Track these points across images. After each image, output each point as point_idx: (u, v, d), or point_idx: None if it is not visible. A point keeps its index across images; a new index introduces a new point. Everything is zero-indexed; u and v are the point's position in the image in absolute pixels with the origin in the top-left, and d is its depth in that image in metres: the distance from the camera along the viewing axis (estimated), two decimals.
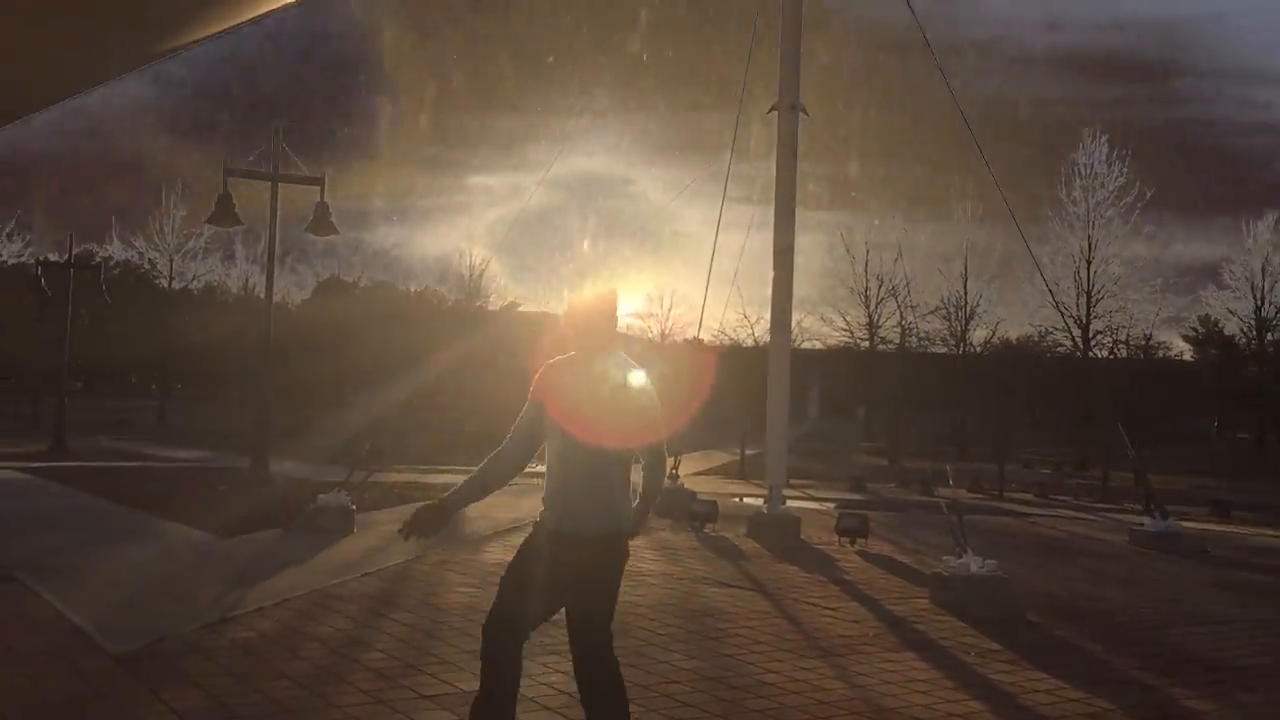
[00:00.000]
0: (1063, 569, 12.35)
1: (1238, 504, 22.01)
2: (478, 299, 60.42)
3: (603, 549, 4.42)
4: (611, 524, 4.44)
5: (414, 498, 17.55)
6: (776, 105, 14.48)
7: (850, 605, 9.44)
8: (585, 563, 4.39)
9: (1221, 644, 8.44)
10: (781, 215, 14.44)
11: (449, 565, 10.59)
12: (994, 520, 17.88)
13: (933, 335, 45.57)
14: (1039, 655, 7.76)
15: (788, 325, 14.65)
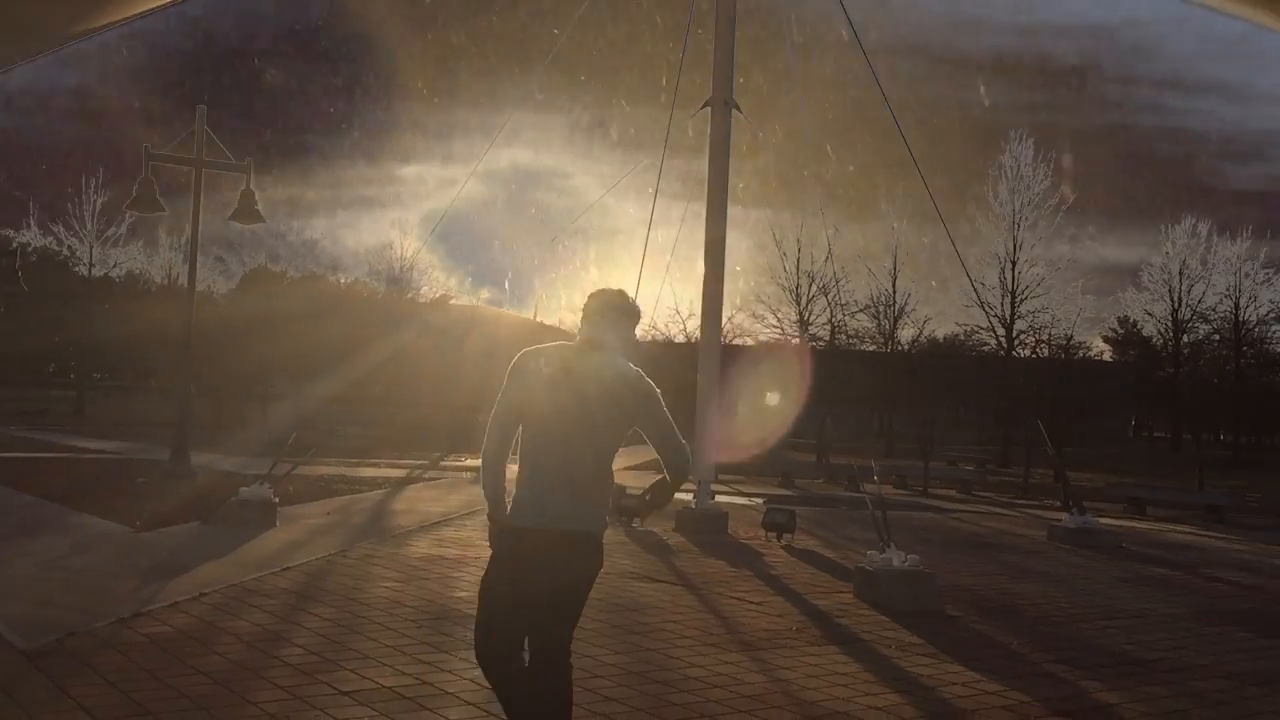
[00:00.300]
0: (983, 564, 12.56)
1: (1152, 501, 22.59)
2: (408, 291, 59.78)
3: (570, 549, 4.17)
4: (582, 524, 4.19)
5: (339, 491, 17.37)
6: (710, 101, 14.53)
7: (775, 600, 9.51)
8: (550, 563, 4.15)
9: (1133, 638, 8.65)
10: (713, 209, 14.49)
11: (373, 559, 10.47)
12: (918, 516, 18.15)
13: (862, 333, 46.15)
14: (958, 649, 7.89)
15: (718, 318, 14.72)
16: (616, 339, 4.35)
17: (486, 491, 4.35)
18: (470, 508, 15.74)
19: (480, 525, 13.77)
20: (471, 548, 11.54)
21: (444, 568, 10.15)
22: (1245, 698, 6.95)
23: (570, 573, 4.22)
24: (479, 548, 11.58)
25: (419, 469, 23.95)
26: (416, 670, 6.44)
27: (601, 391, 4.19)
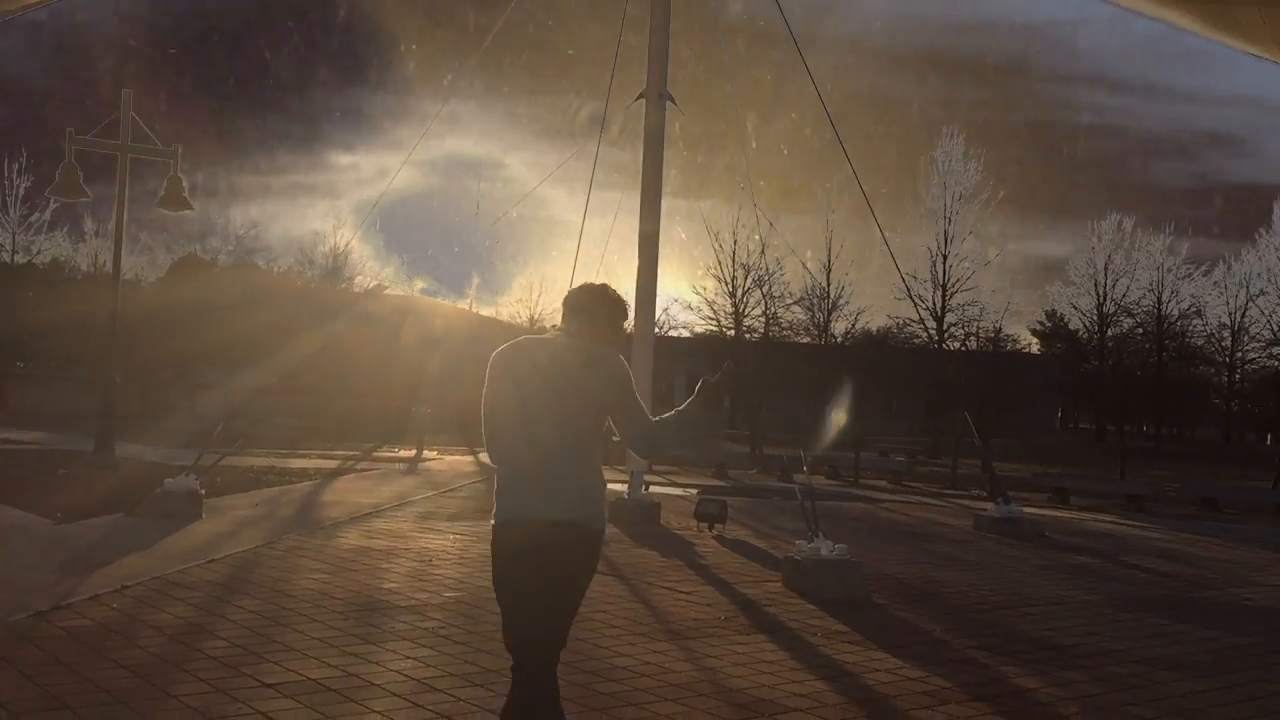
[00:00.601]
0: (910, 553, 12.78)
1: (1075, 491, 23.10)
2: (341, 280, 59.12)
3: (556, 541, 3.89)
4: (567, 513, 3.92)
5: (269, 482, 17.17)
6: (644, 93, 14.55)
7: (705, 589, 9.60)
8: (537, 558, 3.89)
9: (1052, 624, 8.86)
10: (647, 202, 14.52)
11: (301, 551, 10.38)
12: (848, 506, 18.39)
13: (796, 325, 46.58)
14: (882, 636, 8.02)
15: (651, 311, 14.78)
16: (591, 328, 4.18)
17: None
18: (402, 499, 15.67)
19: (411, 516, 13.72)
20: (401, 539, 11.48)
21: (373, 559, 10.09)
22: (1156, 682, 7.16)
23: (558, 569, 3.92)
24: (409, 539, 11.54)
25: (351, 460, 23.73)
26: (342, 662, 6.41)
27: (560, 374, 4.01)
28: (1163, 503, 22.66)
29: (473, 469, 23.15)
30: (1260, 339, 54.74)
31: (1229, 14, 5.93)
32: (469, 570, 9.75)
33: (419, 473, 21.19)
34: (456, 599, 8.43)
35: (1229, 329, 56.62)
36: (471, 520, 13.46)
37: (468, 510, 14.61)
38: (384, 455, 25.99)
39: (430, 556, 10.42)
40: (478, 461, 25.87)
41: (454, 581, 9.18)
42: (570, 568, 3.97)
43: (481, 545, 11.30)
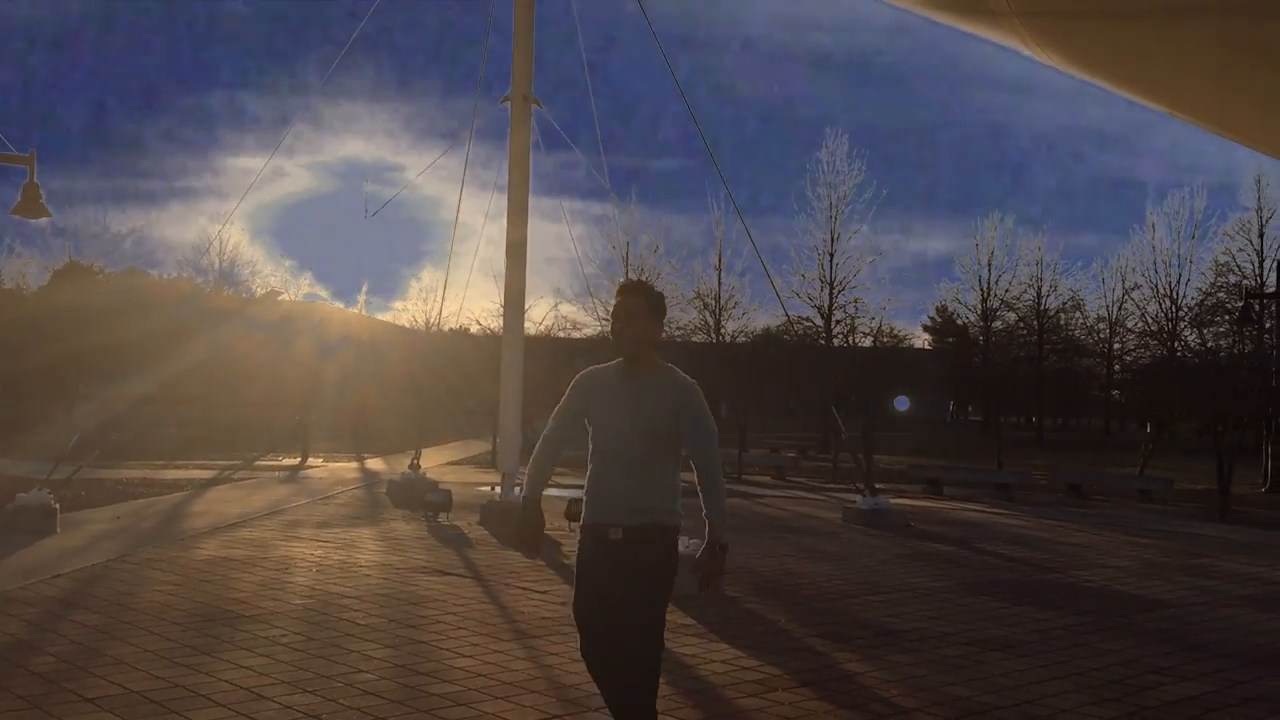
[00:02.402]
0: (775, 546, 13.05)
1: (948, 481, 23.76)
2: (231, 287, 57.89)
3: (633, 543, 4.29)
4: (645, 517, 4.31)
5: (137, 494, 16.81)
6: (510, 96, 14.59)
7: (562, 588, 9.69)
8: (619, 558, 4.29)
9: (893, 610, 9.17)
10: (515, 208, 14.56)
11: (154, 564, 10.21)
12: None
13: (688, 326, 46.94)
14: (726, 628, 8.22)
15: (520, 314, 14.83)
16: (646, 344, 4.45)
17: (530, 476, 4.64)
18: (274, 508, 15.48)
19: (278, 525, 13.57)
20: (263, 548, 11.36)
21: (228, 569, 9.98)
22: (982, 662, 7.47)
23: (633, 569, 4.31)
24: (270, 548, 11.43)
25: (230, 470, 23.29)
26: (171, 674, 6.36)
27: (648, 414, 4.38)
28: (1032, 491, 23.44)
29: (354, 476, 22.93)
30: (1136, 331, 56.91)
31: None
32: (324, 577, 9.71)
33: (298, 481, 20.90)
34: (304, 607, 8.39)
35: (1106, 322, 58.80)
36: (340, 527, 13.37)
37: (338, 517, 14.50)
38: (266, 464, 25.55)
39: (286, 566, 10.34)
40: (362, 468, 25.63)
41: (306, 589, 9.14)
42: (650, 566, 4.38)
43: (343, 552, 11.27)
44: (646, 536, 4.30)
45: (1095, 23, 4.59)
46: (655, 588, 4.37)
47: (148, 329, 42.51)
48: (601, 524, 4.36)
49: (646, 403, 4.35)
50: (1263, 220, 49.66)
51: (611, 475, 4.38)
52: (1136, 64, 4.77)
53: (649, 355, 4.45)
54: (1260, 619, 9.41)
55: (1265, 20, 3.81)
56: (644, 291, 4.51)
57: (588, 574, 4.46)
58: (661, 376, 4.43)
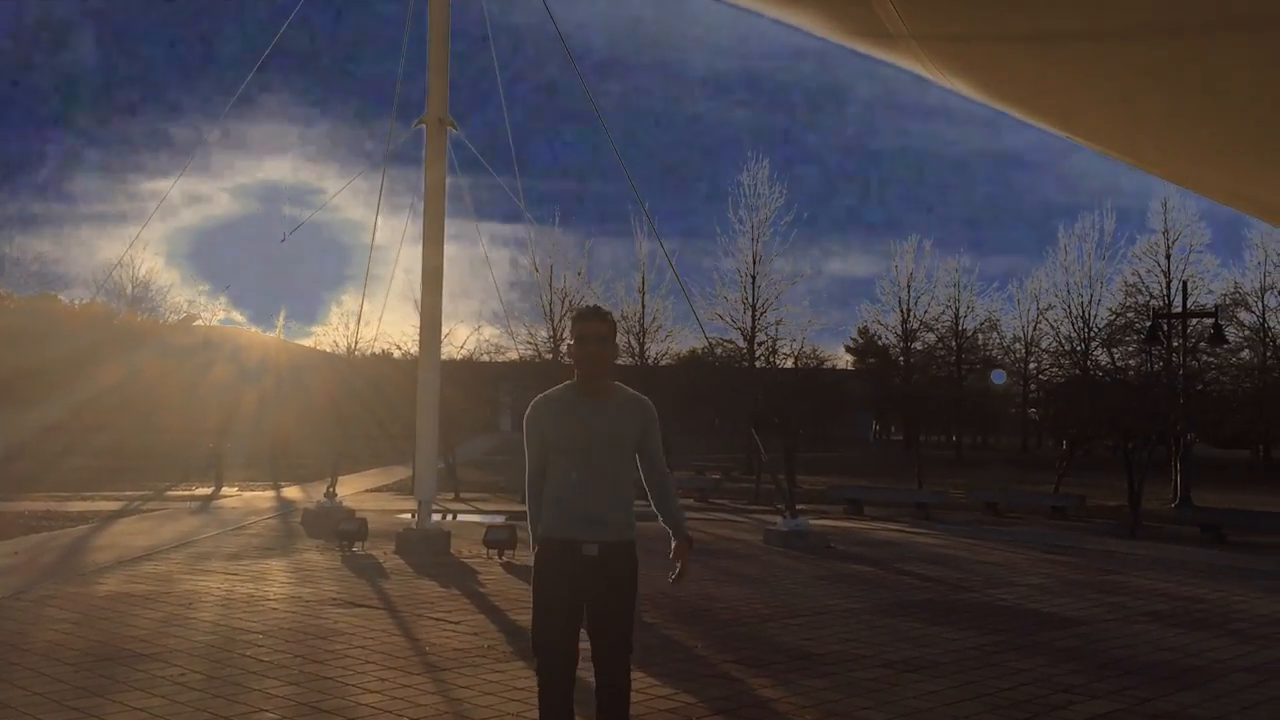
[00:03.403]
0: (695, 570, 12.86)
1: (869, 501, 23.96)
2: (145, 312, 56.55)
3: (610, 559, 4.41)
4: (618, 533, 4.44)
5: (40, 528, 16.23)
6: (424, 119, 14.43)
7: (476, 618, 9.53)
8: (592, 575, 4.39)
9: (810, 634, 9.15)
10: (431, 236, 14.37)
11: (51, 601, 9.82)
12: (648, 526, 18.46)
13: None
14: (643, 656, 8.07)
15: (437, 344, 14.63)
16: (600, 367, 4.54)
17: (531, 522, 4.65)
18: (183, 540, 15.03)
19: (186, 557, 13.17)
20: (167, 582, 11.00)
21: (128, 605, 9.63)
22: (895, 684, 7.47)
23: (607, 582, 4.46)
24: (175, 582, 11.07)
25: (140, 500, 22.62)
26: (60, 718, 6.08)
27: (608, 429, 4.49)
28: (950, 510, 23.72)
29: (270, 504, 22.41)
30: (1050, 351, 58.14)
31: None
32: (229, 611, 9.42)
33: (210, 511, 20.36)
34: (207, 644, 8.12)
35: (1022, 342, 60.03)
36: (251, 559, 13.02)
37: (249, 549, 14.12)
38: (178, 494, 24.86)
39: (190, 601, 10.01)
40: (278, 497, 25.07)
41: (210, 625, 8.85)
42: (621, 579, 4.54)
43: (251, 584, 10.95)
44: (621, 552, 4.45)
45: (989, 46, 4.61)
46: (632, 600, 4.57)
47: (56, 355, 41.41)
48: (574, 540, 4.41)
49: (614, 420, 4.49)
50: (1169, 242, 51.13)
51: (584, 492, 4.43)
52: (1034, 89, 4.81)
53: (609, 377, 4.60)
54: (1167, 634, 9.57)
55: (1160, 44, 3.86)
56: (607, 316, 4.65)
57: (554, 592, 4.45)
58: (621, 394, 4.60)
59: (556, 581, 4.44)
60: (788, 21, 5.74)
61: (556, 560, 4.44)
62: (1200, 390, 33.82)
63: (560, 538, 4.43)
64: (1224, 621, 10.34)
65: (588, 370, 4.51)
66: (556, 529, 4.45)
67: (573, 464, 4.44)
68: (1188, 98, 4.32)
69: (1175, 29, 3.92)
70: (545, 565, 4.47)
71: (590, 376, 4.51)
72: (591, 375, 4.51)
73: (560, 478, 4.47)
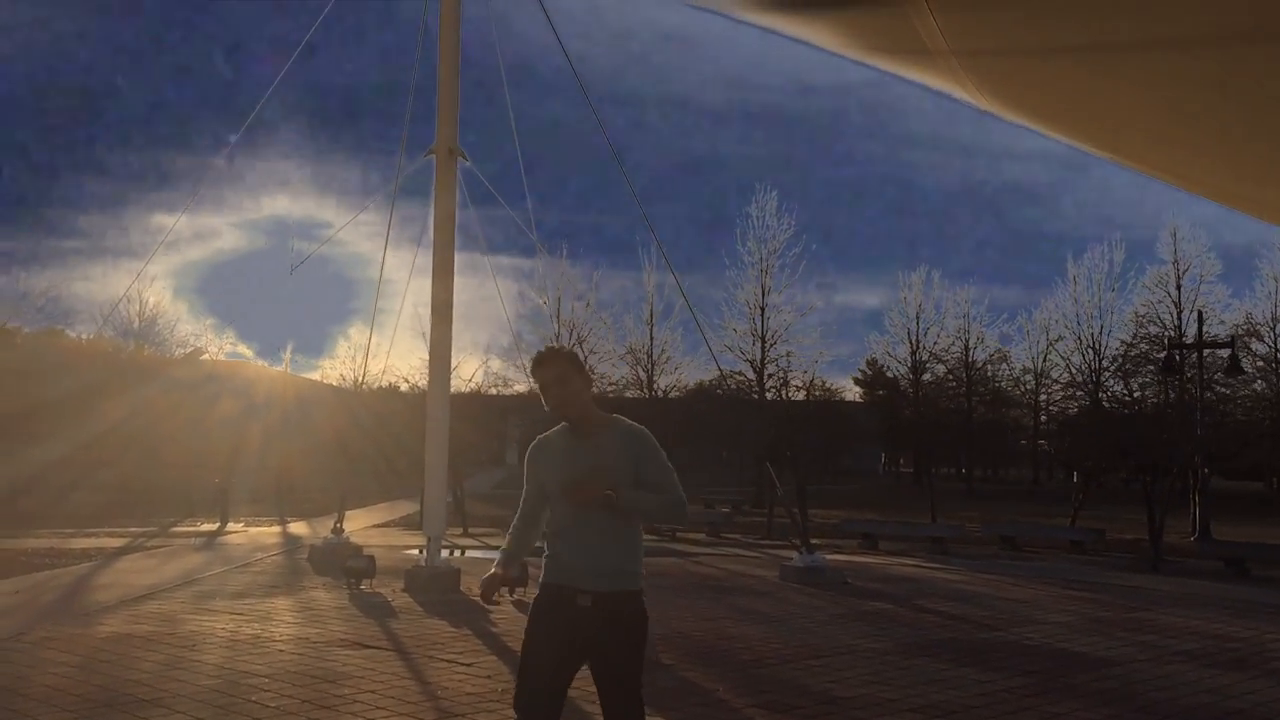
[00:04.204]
0: (711, 608, 12.68)
1: (883, 535, 23.60)
2: (152, 346, 56.45)
3: (606, 610, 4.09)
4: (616, 583, 4.13)
5: (41, 565, 15.98)
6: (434, 149, 14.27)
7: (488, 660, 9.23)
8: (586, 627, 4.10)
9: (836, 675, 8.83)
10: (440, 269, 14.16)
11: (51, 643, 9.55)
12: (659, 561, 18.25)
13: (620, 381, 46.73)
14: (661, 699, 7.81)
15: (446, 377, 14.39)
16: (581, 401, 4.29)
17: (511, 541, 4.46)
18: (187, 578, 14.75)
19: (190, 596, 12.90)
20: (171, 623, 10.72)
21: (130, 647, 9.35)
22: None
23: (612, 633, 4.19)
24: (179, 622, 10.78)
25: (144, 537, 22.35)
26: None
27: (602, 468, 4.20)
28: (966, 544, 23.35)
29: (275, 540, 22.12)
30: (1061, 382, 57.77)
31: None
32: (235, 653, 9.13)
33: (214, 548, 20.07)
34: (211, 688, 7.83)
35: (1032, 373, 59.66)
36: (256, 598, 12.73)
37: (255, 587, 13.83)
38: (183, 530, 24.60)
39: (194, 642, 9.72)
40: (284, 532, 24.79)
41: (214, 668, 8.56)
42: (626, 629, 4.24)
43: (257, 625, 10.67)
44: (621, 603, 4.11)
45: (1035, 61, 4.39)
46: (635, 653, 4.19)
47: (64, 390, 41.25)
48: (568, 587, 4.11)
49: (605, 458, 4.15)
50: (1179, 273, 50.85)
51: (578, 538, 4.14)
52: (1081, 106, 4.58)
53: (591, 411, 4.29)
54: (1204, 675, 9.23)
55: (1218, 54, 3.63)
56: (560, 356, 4.37)
57: (540, 646, 4.16)
58: (613, 429, 4.26)
59: (547, 634, 4.16)
60: (820, 44, 5.51)
61: (548, 609, 4.16)
62: (1218, 422, 33.43)
63: (554, 584, 4.16)
64: (1261, 661, 10.01)
65: (559, 414, 4.27)
66: (551, 575, 4.18)
67: (565, 508, 4.18)
68: (1245, 111, 4.07)
69: (1237, 37, 3.68)
70: (537, 614, 4.20)
71: (568, 418, 4.27)
72: (566, 418, 4.27)
73: (556, 523, 4.23)
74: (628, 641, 4.16)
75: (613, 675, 4.17)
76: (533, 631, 4.20)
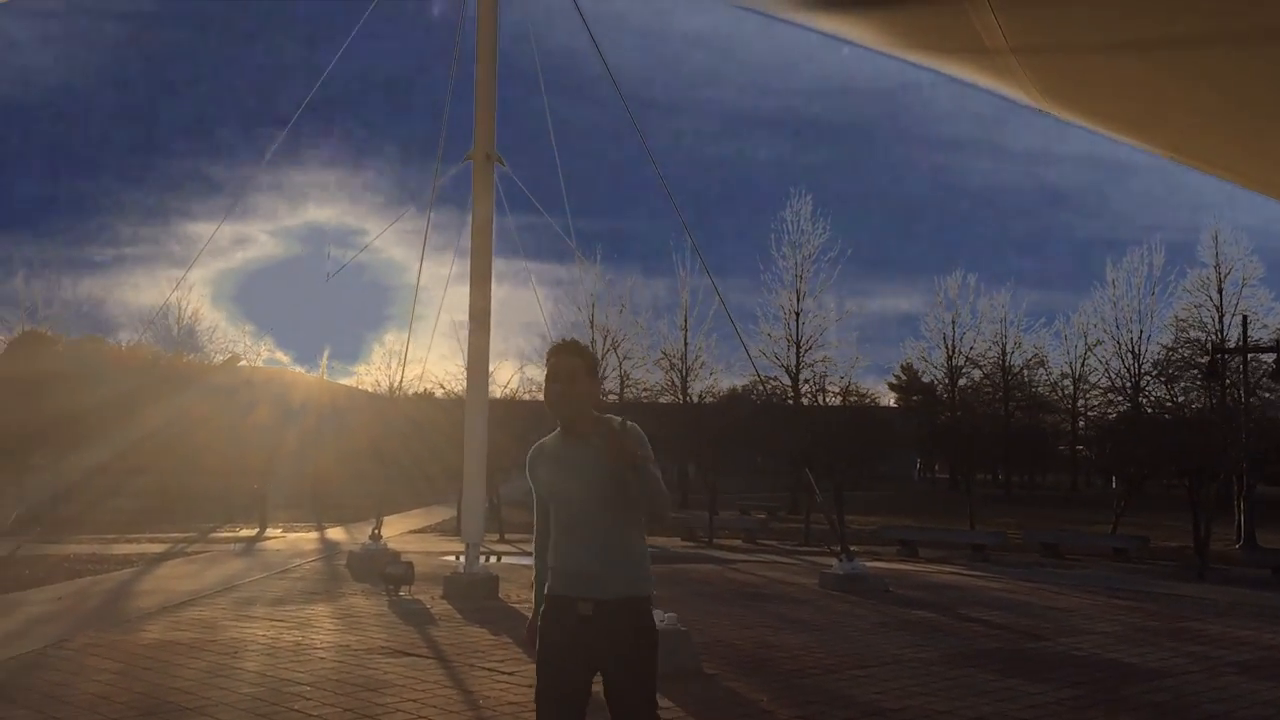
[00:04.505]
0: (751, 616, 12.55)
1: (923, 542, 23.36)
2: (192, 353, 56.96)
3: (607, 619, 3.88)
4: (617, 590, 3.90)
5: (84, 571, 16.08)
6: (471, 155, 14.26)
7: (529, 668, 9.08)
8: (589, 637, 3.87)
9: (883, 686, 8.69)
10: (478, 275, 14.12)
11: (94, 649, 9.57)
12: (697, 569, 18.15)
13: (655, 387, 46.63)
14: (706, 711, 7.72)
15: (484, 384, 14.36)
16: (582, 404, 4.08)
17: (537, 572, 4.19)
18: (227, 584, 14.80)
19: (230, 603, 12.92)
20: (212, 629, 10.73)
21: (173, 654, 9.35)
22: None
23: (620, 644, 3.94)
24: (220, 629, 10.80)
25: (184, 543, 22.49)
26: None
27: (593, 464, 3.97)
28: (1006, 551, 23.06)
29: (314, 546, 22.20)
30: (1099, 387, 57.07)
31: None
32: (275, 661, 9.12)
33: (254, 554, 20.16)
34: (252, 696, 7.81)
35: (1070, 378, 58.96)
36: (296, 604, 12.74)
37: (294, 593, 13.85)
38: (223, 536, 24.75)
39: (236, 649, 9.72)
40: (322, 538, 24.89)
41: (255, 676, 8.55)
42: (634, 638, 4.02)
43: (297, 632, 10.66)
44: (624, 611, 3.90)
45: (1099, 58, 4.26)
46: (643, 665, 3.96)
47: (104, 397, 41.65)
48: (569, 597, 3.93)
49: (591, 461, 3.94)
50: (1221, 276, 50.12)
51: (575, 545, 3.95)
52: (1146, 105, 4.44)
53: (586, 413, 4.08)
54: (1260, 688, 9.02)
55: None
56: (581, 351, 4.14)
57: (552, 656, 3.99)
58: (600, 429, 4.02)
59: (555, 648, 3.98)
60: (866, 42, 5.39)
61: (552, 621, 3.99)
62: (1263, 428, 32.87)
63: (556, 594, 3.99)
64: None
65: (555, 411, 4.07)
66: (554, 586, 4.01)
67: (562, 514, 4.01)
68: None
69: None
70: (544, 628, 4.02)
71: (561, 418, 4.08)
72: (563, 417, 4.07)
73: (556, 531, 4.04)
74: (634, 651, 3.94)
75: (620, 688, 3.96)
76: (542, 646, 4.03)
